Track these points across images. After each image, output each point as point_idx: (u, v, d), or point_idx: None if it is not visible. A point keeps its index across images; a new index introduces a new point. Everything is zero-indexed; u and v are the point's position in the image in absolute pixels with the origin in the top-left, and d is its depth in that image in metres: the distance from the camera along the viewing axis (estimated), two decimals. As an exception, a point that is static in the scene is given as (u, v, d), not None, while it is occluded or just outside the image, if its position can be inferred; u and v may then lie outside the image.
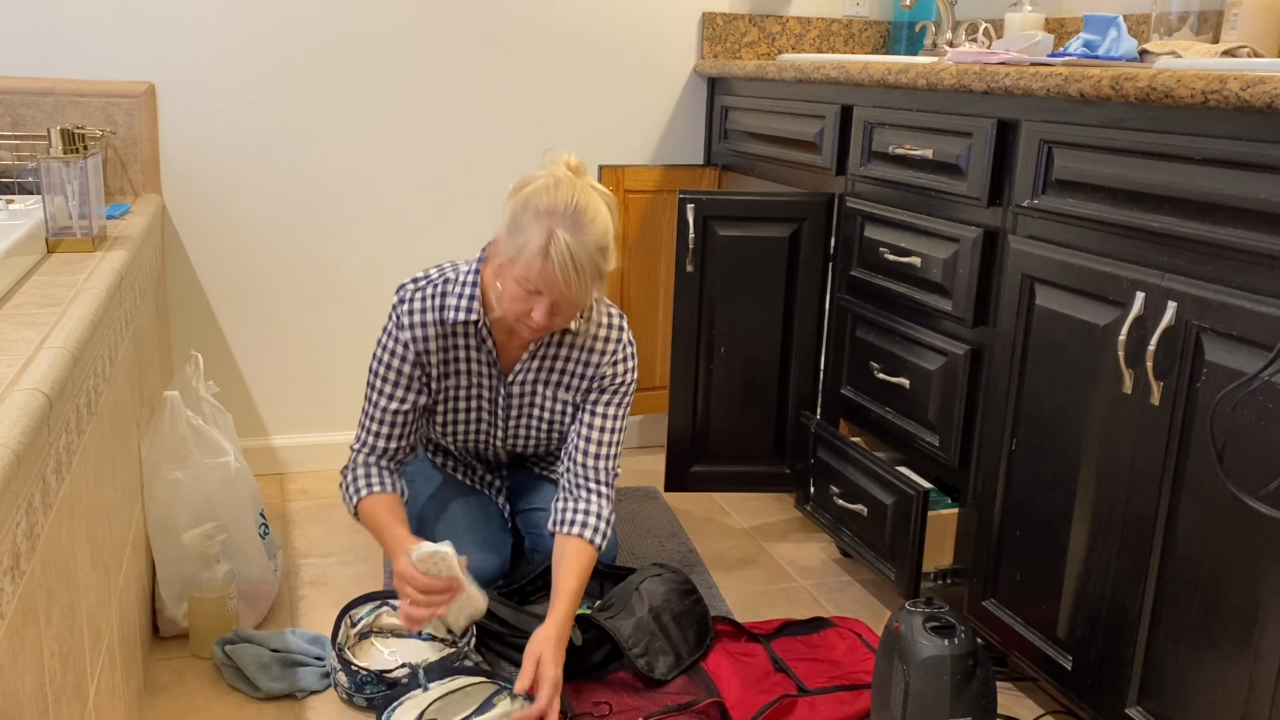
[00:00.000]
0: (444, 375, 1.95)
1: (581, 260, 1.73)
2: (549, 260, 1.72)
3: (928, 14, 2.73)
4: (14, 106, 2.29)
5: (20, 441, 0.89)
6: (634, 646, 1.82)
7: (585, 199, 1.75)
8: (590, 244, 1.74)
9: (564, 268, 1.72)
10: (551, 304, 1.76)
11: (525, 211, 1.75)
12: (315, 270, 2.61)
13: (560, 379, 1.97)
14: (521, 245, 1.74)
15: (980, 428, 1.82)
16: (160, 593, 1.88)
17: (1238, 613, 1.34)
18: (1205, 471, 1.38)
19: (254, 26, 2.44)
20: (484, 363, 1.95)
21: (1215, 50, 1.68)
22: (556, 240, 1.71)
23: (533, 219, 1.74)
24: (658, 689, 1.79)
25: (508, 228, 1.78)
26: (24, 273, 1.54)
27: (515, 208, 1.78)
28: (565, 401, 1.98)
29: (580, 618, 1.84)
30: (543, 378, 1.97)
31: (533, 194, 1.76)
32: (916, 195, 1.96)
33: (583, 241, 1.73)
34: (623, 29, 2.69)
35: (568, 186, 1.76)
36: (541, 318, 1.77)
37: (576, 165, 1.82)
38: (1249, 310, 1.30)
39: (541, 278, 1.73)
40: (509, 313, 1.81)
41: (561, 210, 1.73)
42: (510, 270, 1.77)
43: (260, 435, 2.67)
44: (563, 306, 1.78)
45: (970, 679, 1.52)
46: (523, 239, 1.74)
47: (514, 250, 1.76)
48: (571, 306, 1.79)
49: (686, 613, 1.90)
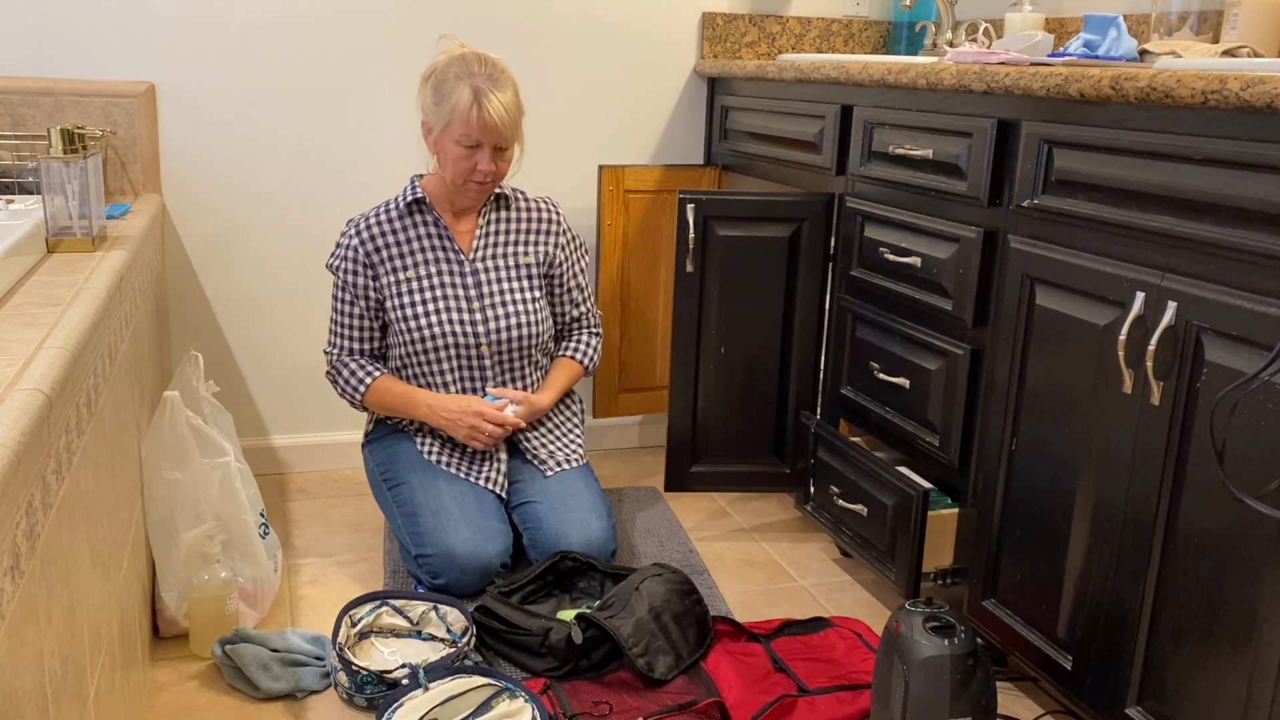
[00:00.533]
0: (403, 268, 2.15)
1: (507, 103, 2.05)
2: (482, 110, 2.02)
3: (928, 14, 2.73)
4: (14, 106, 2.30)
5: (20, 441, 0.89)
6: (634, 646, 1.82)
7: (490, 59, 2.07)
8: (509, 90, 2.07)
9: (497, 112, 2.03)
10: (493, 150, 2.06)
11: (445, 81, 2.05)
12: (315, 270, 2.61)
13: (519, 246, 2.23)
14: (453, 107, 2.03)
15: (980, 428, 1.82)
16: (160, 593, 1.88)
17: (1238, 613, 1.34)
18: (1205, 471, 1.38)
19: (254, 26, 2.44)
20: (440, 247, 2.19)
21: (1215, 50, 1.68)
22: (484, 94, 2.03)
23: (454, 84, 2.04)
24: (657, 689, 1.79)
25: (434, 100, 2.07)
26: (24, 273, 1.54)
27: (435, 82, 2.07)
28: (529, 265, 2.20)
29: (580, 616, 1.84)
30: (501, 249, 2.22)
31: (445, 66, 2.07)
32: (916, 195, 1.96)
33: (503, 88, 2.05)
34: (623, 29, 2.70)
35: (473, 55, 2.07)
36: (487, 165, 2.07)
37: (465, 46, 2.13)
38: (1249, 310, 1.30)
39: (480, 127, 2.03)
40: (457, 174, 2.09)
41: (476, 70, 2.05)
42: (449, 135, 2.06)
43: (260, 435, 2.67)
44: (503, 150, 2.08)
45: (970, 679, 1.52)
46: (451, 102, 2.03)
47: (447, 115, 2.05)
48: (508, 149, 2.09)
49: (686, 613, 1.90)
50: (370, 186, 2.60)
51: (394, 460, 2.19)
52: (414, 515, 2.09)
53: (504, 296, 2.18)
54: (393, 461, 2.20)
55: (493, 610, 1.89)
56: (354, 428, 2.72)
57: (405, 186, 2.21)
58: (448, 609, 1.92)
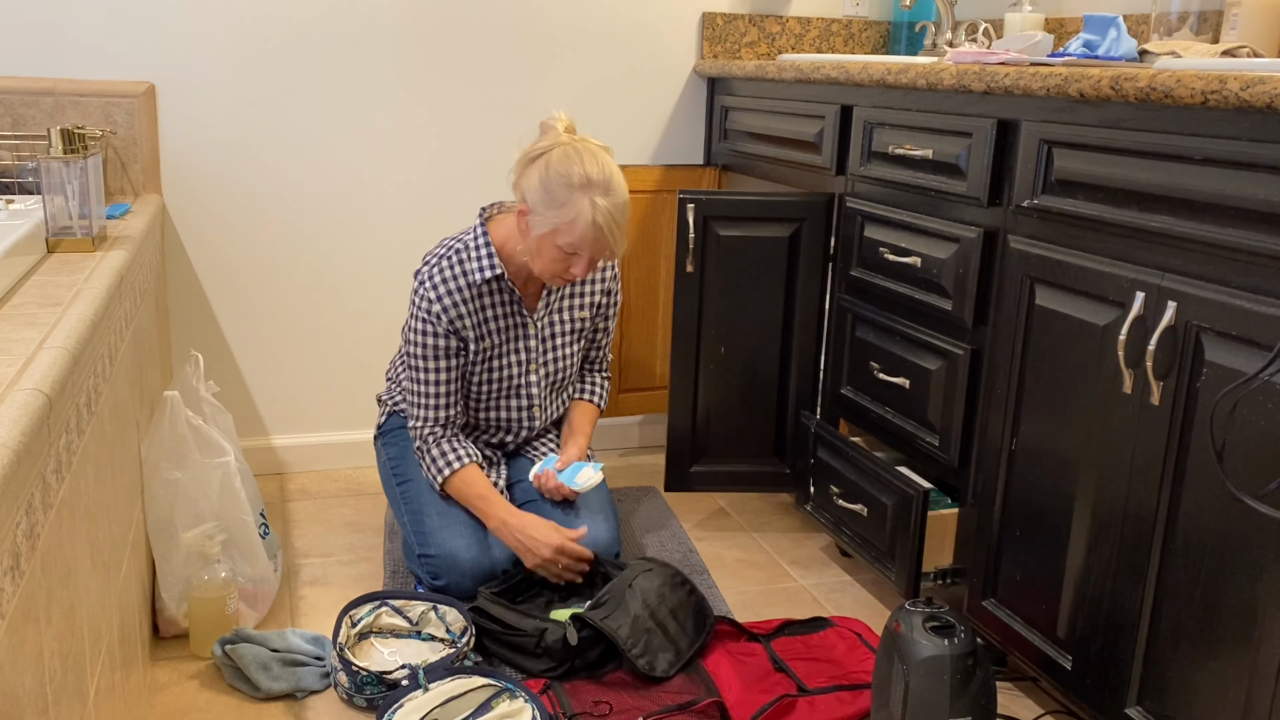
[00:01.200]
0: (481, 336, 2.10)
1: (622, 221, 1.97)
2: (599, 228, 1.94)
3: (928, 14, 2.73)
4: (14, 106, 2.29)
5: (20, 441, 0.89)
6: (633, 647, 1.82)
7: (605, 162, 1.97)
8: (622, 203, 1.97)
9: (611, 232, 1.95)
10: (590, 259, 1.98)
11: (560, 186, 1.94)
12: (315, 270, 2.61)
13: (575, 301, 2.20)
14: (570, 219, 1.93)
15: (980, 428, 1.82)
16: (160, 593, 1.88)
17: (1238, 613, 1.34)
18: (1205, 471, 1.38)
19: (254, 27, 2.44)
20: (512, 314, 2.13)
21: (1215, 50, 1.68)
22: (600, 210, 1.93)
23: (572, 192, 1.93)
24: (657, 687, 1.79)
25: (544, 199, 1.95)
26: (24, 273, 1.54)
27: (545, 180, 1.95)
28: (584, 319, 2.21)
29: (575, 616, 1.84)
30: (562, 305, 2.18)
31: (559, 165, 1.95)
32: (916, 195, 1.96)
33: (619, 204, 1.96)
34: (623, 29, 2.69)
35: (588, 154, 1.96)
36: (582, 271, 2.00)
37: (570, 124, 2.03)
38: (1249, 310, 1.30)
39: (594, 244, 1.95)
40: (546, 272, 2.01)
41: (595, 180, 1.94)
42: (553, 239, 1.96)
43: (260, 435, 2.67)
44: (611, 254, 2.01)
45: (970, 679, 1.52)
46: (568, 213, 1.93)
47: (557, 222, 1.94)
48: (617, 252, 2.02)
49: (681, 604, 1.91)
50: (370, 185, 2.60)
51: (406, 456, 2.20)
52: (420, 514, 2.09)
53: (558, 353, 2.19)
54: (404, 457, 2.20)
55: (487, 611, 1.89)
56: (354, 428, 2.72)
57: (478, 239, 2.06)
58: (447, 609, 1.92)
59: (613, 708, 1.74)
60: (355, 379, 2.69)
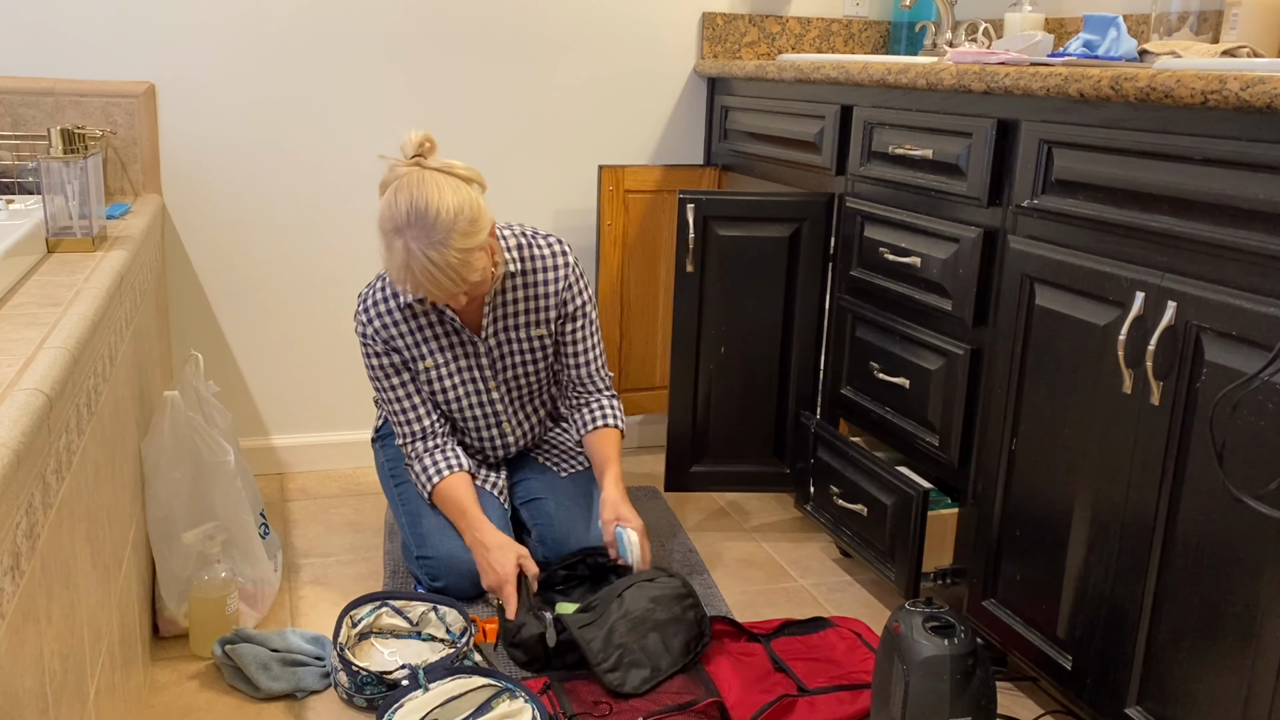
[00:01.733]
0: (421, 356, 2.05)
1: (443, 262, 1.81)
2: (416, 275, 1.82)
3: (928, 14, 2.73)
4: (14, 106, 2.29)
5: (20, 441, 0.89)
6: (602, 661, 1.78)
7: (424, 197, 1.80)
8: (448, 241, 1.80)
9: (431, 277, 1.82)
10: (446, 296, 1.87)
11: (383, 233, 1.84)
12: (315, 270, 2.61)
13: (526, 318, 2.09)
14: (391, 264, 1.84)
15: (980, 428, 1.82)
16: (160, 593, 1.88)
17: (1238, 613, 1.34)
18: (1205, 471, 1.38)
19: (254, 26, 2.44)
20: (451, 331, 2.07)
21: (1215, 50, 1.68)
22: (413, 255, 1.80)
23: (391, 238, 1.82)
24: (656, 690, 1.79)
25: (382, 246, 1.86)
26: (24, 273, 1.54)
27: (380, 219, 1.84)
28: (541, 336, 2.09)
29: (557, 619, 1.84)
30: (510, 323, 2.09)
31: (381, 212, 1.84)
32: (916, 195, 1.96)
33: (437, 244, 1.79)
34: (623, 29, 2.70)
35: (405, 192, 1.81)
36: (458, 304, 1.92)
37: (419, 145, 1.87)
38: (1249, 310, 1.30)
39: (419, 288, 1.85)
40: (436, 302, 1.96)
41: (406, 221, 1.80)
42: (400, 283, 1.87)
43: (260, 435, 2.67)
44: (455, 293, 1.87)
45: (970, 679, 1.52)
46: (390, 258, 1.84)
47: (390, 269, 1.86)
48: (464, 288, 1.87)
49: (674, 620, 1.85)
50: (370, 185, 2.60)
51: (402, 458, 2.20)
52: (417, 515, 2.09)
53: (519, 370, 2.12)
54: (401, 459, 2.20)
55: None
56: (354, 428, 2.72)
57: None
58: (447, 609, 1.92)
59: (612, 708, 1.74)
60: (355, 379, 2.69)
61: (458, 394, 2.11)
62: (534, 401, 2.20)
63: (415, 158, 1.88)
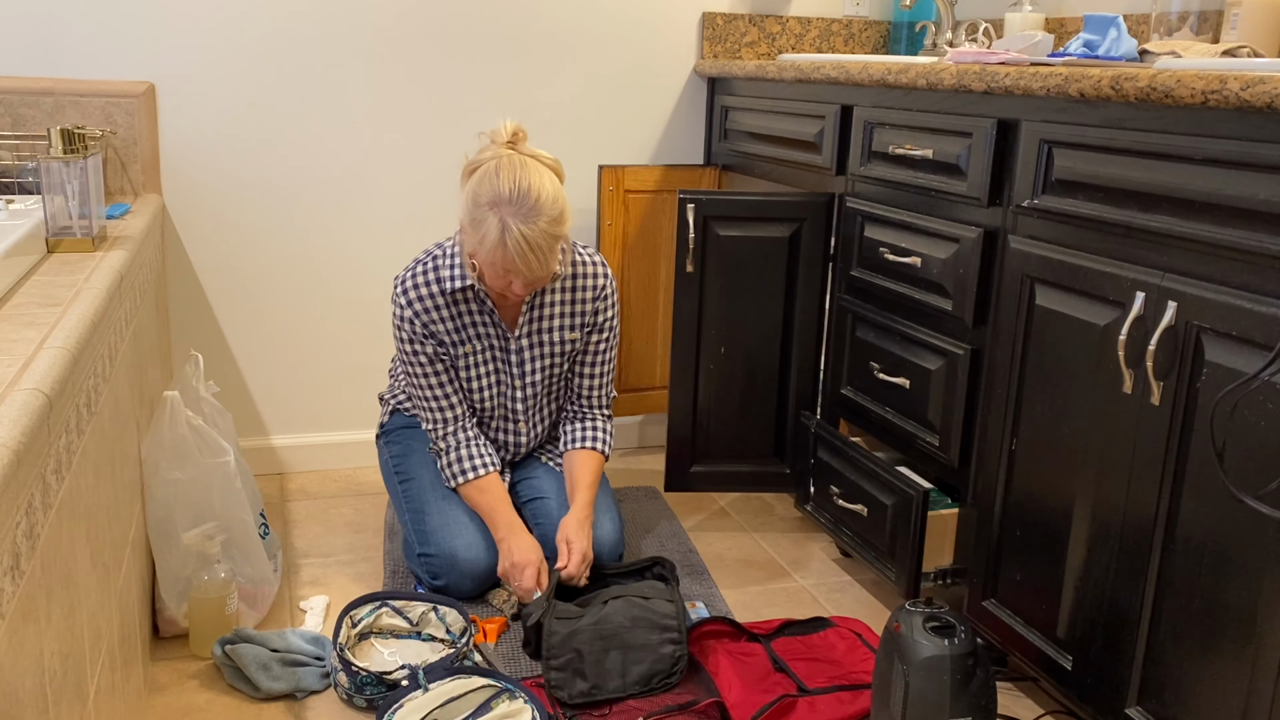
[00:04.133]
0: (458, 343, 2.07)
1: (536, 241, 1.87)
2: (508, 250, 1.87)
3: (928, 14, 2.73)
4: (14, 106, 2.29)
5: (20, 441, 0.89)
6: (553, 658, 1.77)
7: (526, 179, 1.87)
8: (541, 223, 1.87)
9: (522, 253, 1.87)
10: (524, 281, 1.93)
11: (477, 205, 1.89)
12: (315, 270, 2.61)
13: (561, 321, 2.12)
14: (482, 238, 1.89)
15: (980, 428, 1.82)
16: (160, 593, 1.88)
17: (1238, 613, 1.34)
18: (1205, 471, 1.38)
19: (254, 26, 2.44)
20: (489, 323, 2.09)
21: (1215, 50, 1.68)
22: (510, 230, 1.86)
23: (485, 211, 1.87)
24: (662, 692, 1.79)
25: (468, 220, 1.92)
26: (24, 273, 1.54)
27: (468, 200, 1.91)
28: (572, 341, 2.12)
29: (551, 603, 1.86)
30: (545, 325, 2.11)
31: (478, 185, 1.89)
32: (916, 195, 1.96)
33: (533, 224, 1.86)
34: (623, 29, 2.69)
35: (507, 170, 1.87)
36: (521, 290, 1.95)
37: (513, 133, 1.94)
38: (1249, 310, 1.30)
39: (507, 264, 1.89)
40: (492, 288, 2.00)
41: (507, 198, 1.86)
42: (479, 258, 1.93)
43: (260, 435, 2.67)
44: (535, 278, 1.93)
45: (970, 679, 1.52)
46: (481, 232, 1.88)
47: (477, 242, 1.91)
48: (543, 275, 1.93)
49: (643, 647, 1.80)
50: (370, 185, 2.60)
51: (408, 455, 2.20)
52: (421, 513, 2.10)
53: (544, 374, 2.15)
54: (407, 456, 2.20)
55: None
56: (354, 428, 2.72)
57: (453, 249, 2.04)
58: (447, 610, 1.92)
59: (612, 708, 1.74)
60: (355, 379, 2.69)
61: (482, 384, 2.12)
62: (550, 405, 2.22)
63: (509, 143, 1.93)
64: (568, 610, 1.85)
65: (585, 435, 2.18)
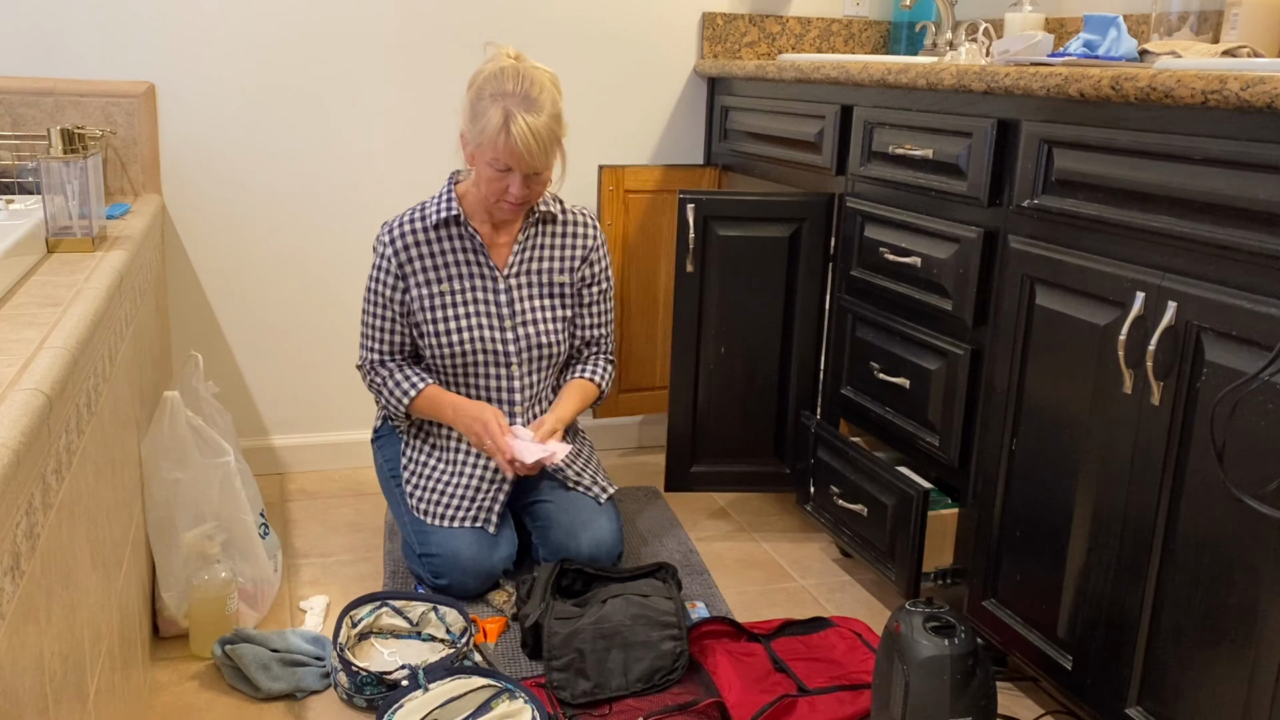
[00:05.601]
0: (437, 280, 2.10)
1: (539, 130, 1.94)
2: (511, 137, 1.93)
3: (928, 14, 2.73)
4: (14, 106, 2.29)
5: (20, 441, 0.89)
6: (555, 658, 1.77)
7: (530, 76, 1.97)
8: (544, 116, 1.95)
9: (525, 141, 1.93)
10: (523, 177, 1.98)
11: (480, 99, 1.97)
12: (315, 270, 2.61)
13: (552, 263, 2.17)
14: (483, 128, 1.96)
15: (980, 428, 1.82)
16: (160, 593, 1.88)
17: (1238, 613, 1.34)
18: (1205, 471, 1.38)
19: (254, 27, 2.44)
20: (475, 261, 2.13)
21: (1215, 50, 1.68)
22: (514, 118, 1.93)
23: (489, 103, 1.95)
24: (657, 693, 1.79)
25: (469, 117, 2.00)
26: (24, 273, 1.54)
27: (472, 96, 1.99)
28: (563, 284, 2.15)
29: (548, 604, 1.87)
30: (536, 265, 2.16)
31: (483, 82, 1.98)
32: (916, 195, 1.96)
33: (537, 115, 1.94)
34: (623, 29, 2.70)
35: (512, 70, 1.97)
36: (518, 189, 1.99)
37: (517, 54, 2.04)
38: (1249, 310, 1.30)
39: (508, 153, 1.95)
40: (488, 194, 2.03)
41: (511, 90, 1.95)
42: (481, 155, 1.99)
43: (260, 435, 2.67)
44: (533, 177, 1.99)
45: (970, 679, 1.52)
46: (482, 123, 1.96)
47: (478, 135, 1.97)
48: (541, 175, 2.01)
49: (644, 645, 1.80)
50: (370, 186, 2.60)
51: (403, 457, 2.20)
52: (418, 511, 2.10)
53: (536, 314, 2.14)
54: (399, 458, 2.20)
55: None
56: (354, 428, 2.72)
57: (443, 190, 2.13)
58: (447, 610, 1.92)
59: (612, 708, 1.74)
60: (355, 379, 2.69)
61: (470, 324, 2.11)
62: (546, 351, 2.15)
63: (514, 57, 2.02)
64: (567, 610, 1.85)
65: (584, 370, 2.23)
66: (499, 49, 2.04)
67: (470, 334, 2.11)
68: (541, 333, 2.15)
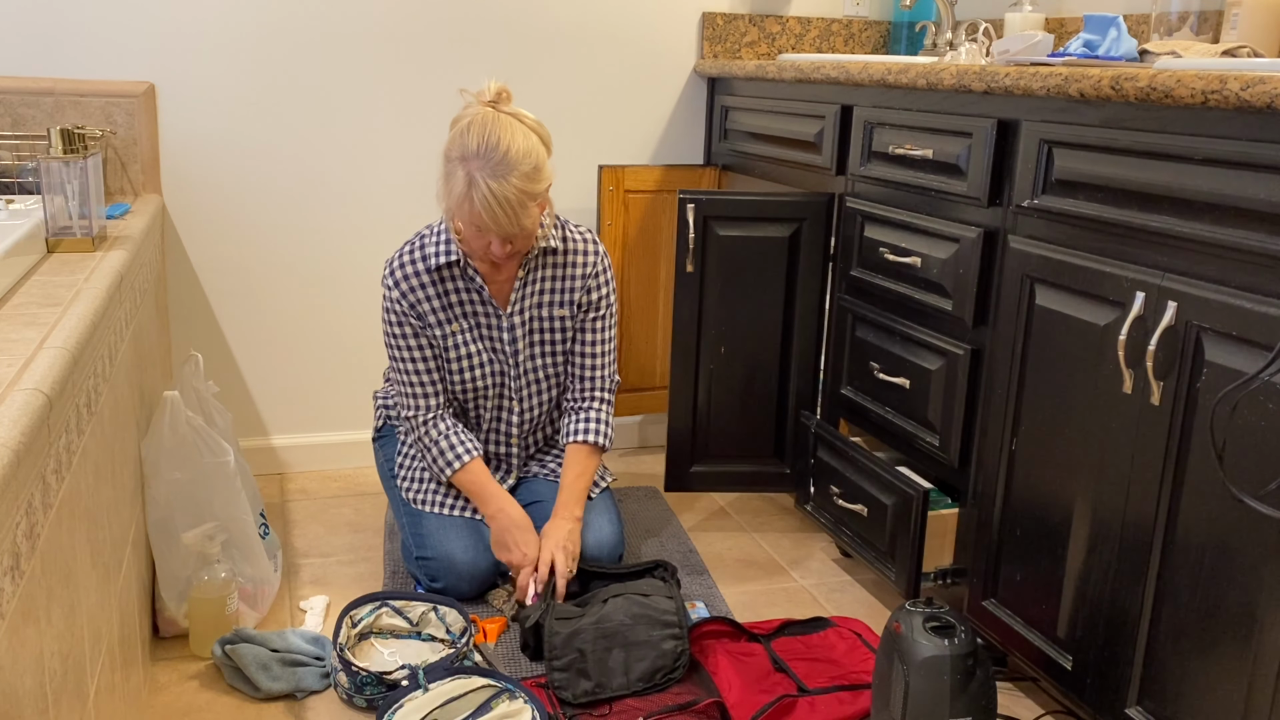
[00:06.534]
0: (447, 321, 2.06)
1: (504, 196, 1.85)
2: (474, 204, 1.86)
3: (928, 14, 2.73)
4: (14, 106, 2.29)
5: (20, 441, 0.89)
6: (556, 658, 1.77)
7: (497, 135, 1.86)
8: (512, 179, 1.85)
9: (489, 208, 1.85)
10: (500, 238, 1.91)
11: (449, 159, 1.90)
12: (316, 269, 2.61)
13: (552, 297, 2.11)
14: (450, 191, 1.90)
15: (980, 428, 1.82)
16: (160, 593, 1.88)
17: (1238, 613, 1.34)
18: (1205, 471, 1.38)
19: (254, 26, 2.44)
20: (479, 301, 2.07)
21: (1215, 50, 1.68)
22: (477, 185, 1.85)
23: (456, 165, 1.88)
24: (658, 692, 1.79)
25: (440, 176, 1.94)
26: (24, 273, 1.54)
27: (443, 154, 1.93)
28: (563, 317, 2.10)
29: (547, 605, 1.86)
30: (538, 300, 2.10)
31: (450, 142, 1.91)
32: (916, 195, 1.96)
33: (503, 179, 1.85)
34: (623, 29, 2.69)
35: (478, 127, 1.87)
36: (499, 250, 1.93)
37: (496, 93, 1.93)
38: (1249, 310, 1.30)
39: (475, 219, 1.88)
40: (471, 251, 1.98)
41: (475, 152, 1.86)
42: (455, 216, 1.93)
43: (260, 435, 2.67)
44: (511, 237, 1.91)
45: (970, 679, 1.52)
46: (450, 185, 1.90)
47: (448, 198, 1.92)
48: (519, 234, 1.91)
49: (645, 644, 1.80)
50: (370, 186, 2.60)
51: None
52: (419, 516, 2.10)
53: (537, 349, 2.12)
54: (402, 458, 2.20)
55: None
56: (354, 428, 2.72)
57: (440, 229, 2.04)
58: (447, 610, 1.92)
59: (612, 708, 1.74)
60: (355, 379, 2.69)
61: (473, 363, 2.09)
62: (546, 386, 2.16)
63: (491, 102, 1.93)
64: (567, 610, 1.85)
65: (581, 428, 2.14)
66: (477, 92, 1.95)
67: (476, 372, 2.10)
68: (541, 367, 2.14)
